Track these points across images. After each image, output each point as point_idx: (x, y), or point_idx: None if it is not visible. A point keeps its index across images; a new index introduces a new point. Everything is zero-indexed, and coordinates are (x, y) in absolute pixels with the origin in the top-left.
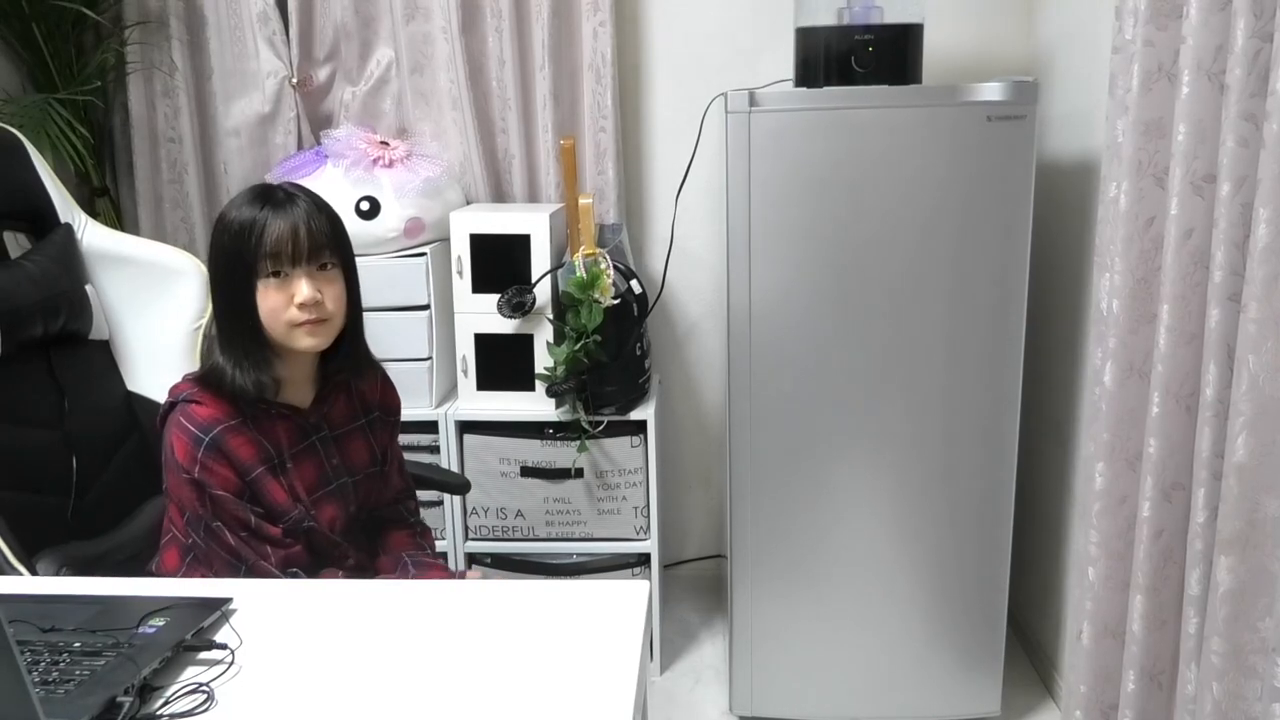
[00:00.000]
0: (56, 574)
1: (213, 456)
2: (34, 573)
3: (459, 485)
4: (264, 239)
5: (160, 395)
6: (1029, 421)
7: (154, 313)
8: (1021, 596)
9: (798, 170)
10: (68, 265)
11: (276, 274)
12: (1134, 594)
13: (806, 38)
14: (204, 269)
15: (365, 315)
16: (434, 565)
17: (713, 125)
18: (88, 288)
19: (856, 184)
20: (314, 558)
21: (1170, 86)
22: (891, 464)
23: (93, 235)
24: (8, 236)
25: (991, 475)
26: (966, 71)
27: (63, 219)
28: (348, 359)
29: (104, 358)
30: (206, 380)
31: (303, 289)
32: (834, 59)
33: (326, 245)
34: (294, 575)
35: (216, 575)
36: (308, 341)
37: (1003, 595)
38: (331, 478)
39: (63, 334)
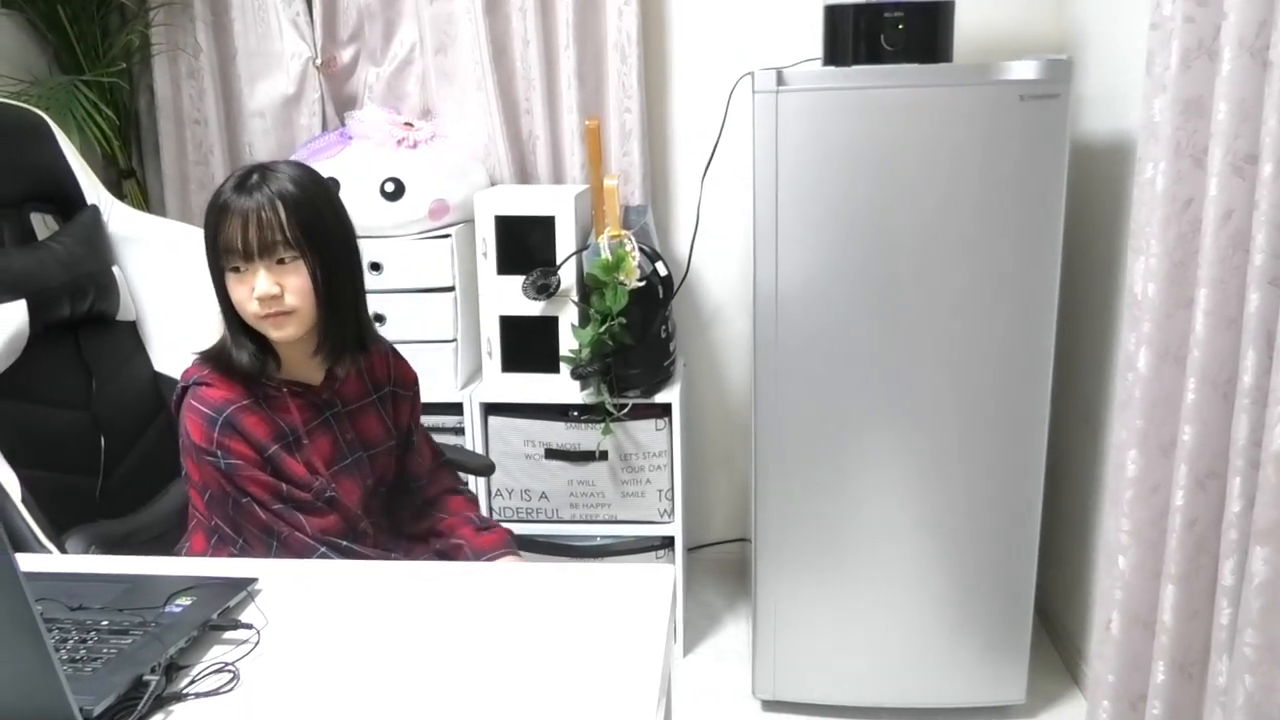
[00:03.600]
0: (85, 553)
1: (228, 435)
2: (63, 551)
3: (483, 467)
4: (219, 235)
5: None
6: (1059, 407)
7: (180, 294)
8: (1048, 584)
9: (826, 150)
10: (95, 246)
11: (236, 268)
12: (1165, 584)
13: (835, 15)
14: None
15: (391, 297)
16: (492, 533)
17: (739, 105)
18: (114, 269)
19: (885, 165)
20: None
21: (1210, 64)
22: (918, 448)
23: (119, 217)
24: (35, 218)
25: (1020, 461)
26: (998, 49)
27: (89, 200)
28: (328, 347)
29: (131, 338)
30: (213, 359)
31: (258, 284)
32: (863, 37)
33: (281, 240)
34: (324, 556)
35: (248, 552)
36: (275, 334)
37: (1030, 582)
38: (347, 453)
39: (90, 315)
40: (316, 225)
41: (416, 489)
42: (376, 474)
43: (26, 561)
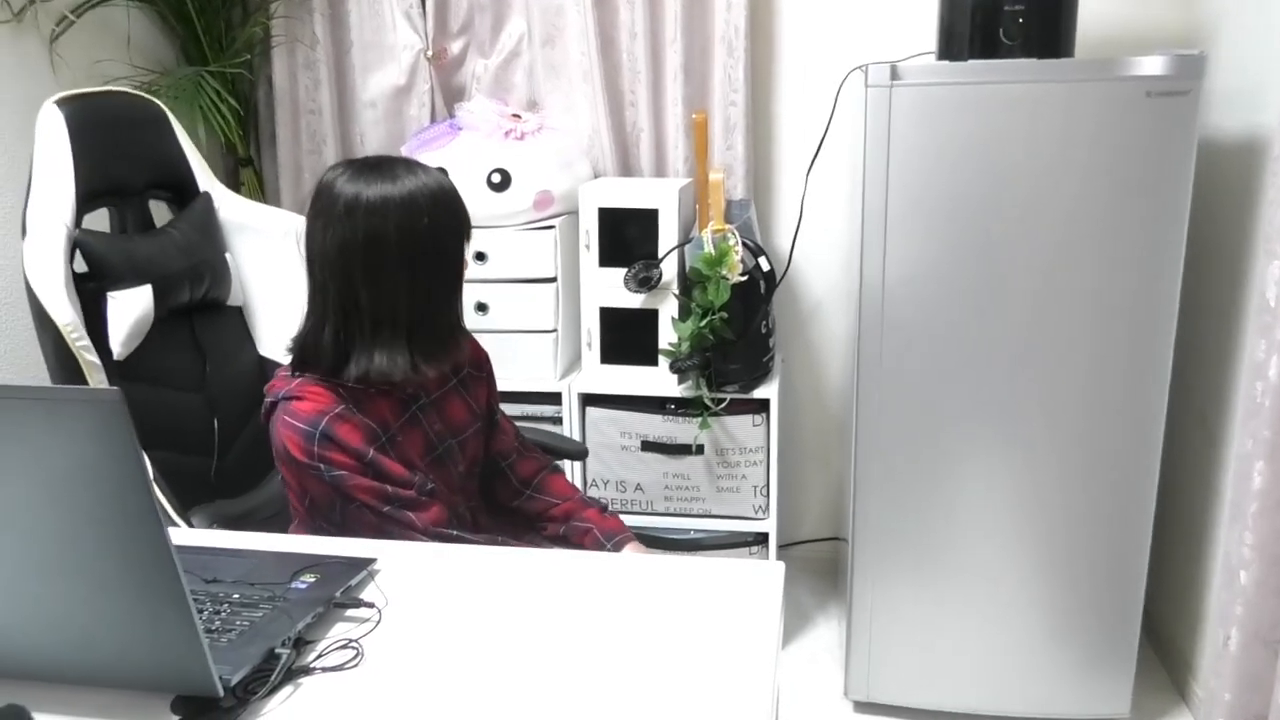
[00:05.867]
0: (209, 529)
1: (326, 447)
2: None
3: (577, 452)
4: (468, 225)
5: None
6: (1175, 413)
7: (282, 281)
8: (1157, 595)
9: (940, 147)
10: (209, 233)
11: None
12: None
13: (951, 7)
14: None
15: (495, 287)
16: (614, 517)
17: (846, 100)
18: (226, 255)
19: (1001, 162)
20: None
21: None
22: (1026, 452)
23: (229, 204)
24: (151, 206)
25: (1133, 468)
26: (1122, 43)
27: (202, 188)
28: None
29: (239, 323)
30: (308, 366)
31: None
32: (980, 30)
33: None
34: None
35: None
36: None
37: (1138, 593)
38: (436, 443)
39: (205, 300)
40: None
41: (507, 467)
42: (468, 459)
43: None
